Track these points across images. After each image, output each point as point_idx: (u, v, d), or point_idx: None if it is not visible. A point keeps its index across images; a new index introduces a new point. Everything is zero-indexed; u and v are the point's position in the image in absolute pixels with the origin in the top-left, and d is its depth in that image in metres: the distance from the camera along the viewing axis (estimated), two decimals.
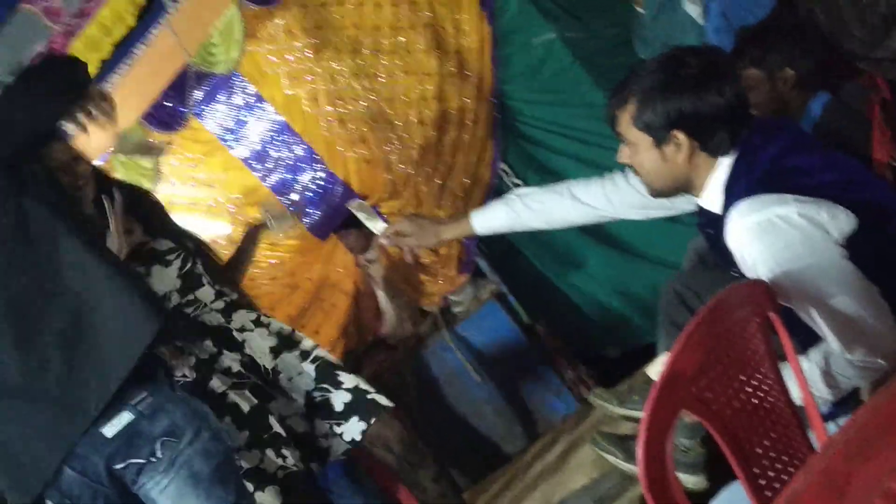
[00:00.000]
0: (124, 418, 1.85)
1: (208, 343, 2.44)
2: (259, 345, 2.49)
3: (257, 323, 2.52)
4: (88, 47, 3.52)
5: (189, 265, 2.50)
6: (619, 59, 3.31)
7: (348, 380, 2.50)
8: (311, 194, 3.86)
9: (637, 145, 1.82)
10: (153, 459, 1.85)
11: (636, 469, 2.33)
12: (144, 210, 2.53)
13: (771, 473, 1.51)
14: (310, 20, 3.42)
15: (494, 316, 3.69)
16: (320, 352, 2.54)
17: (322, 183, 3.77)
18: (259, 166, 3.88)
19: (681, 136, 1.75)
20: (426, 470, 2.49)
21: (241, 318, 2.51)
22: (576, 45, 3.38)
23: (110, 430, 1.85)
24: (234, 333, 2.49)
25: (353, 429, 2.44)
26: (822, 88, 2.48)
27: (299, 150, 3.77)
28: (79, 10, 3.32)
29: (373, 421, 2.45)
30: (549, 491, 2.77)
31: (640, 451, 1.34)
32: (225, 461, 1.94)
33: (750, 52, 2.41)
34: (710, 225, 1.82)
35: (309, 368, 2.48)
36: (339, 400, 2.46)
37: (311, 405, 2.46)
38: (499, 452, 3.68)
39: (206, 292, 2.50)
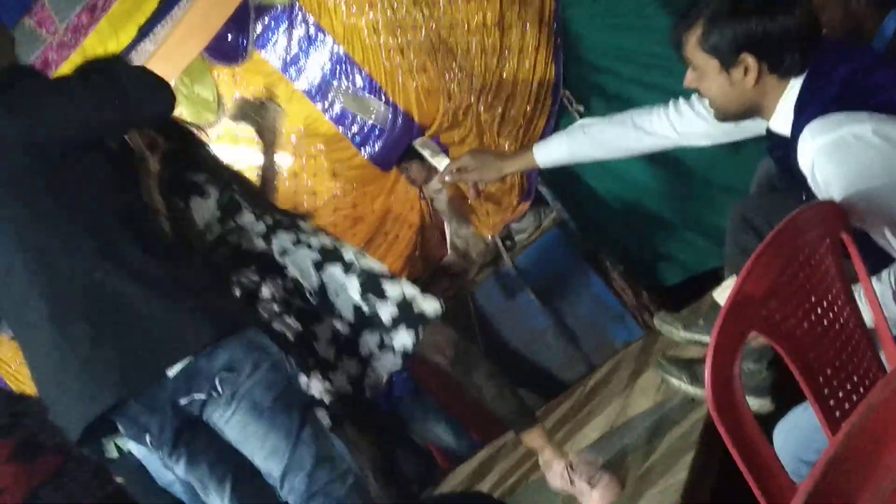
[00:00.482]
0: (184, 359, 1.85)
1: (251, 272, 2.45)
2: (302, 264, 2.47)
3: (297, 243, 2.49)
4: None
5: (227, 193, 2.50)
6: None
7: (393, 290, 2.46)
8: (371, 124, 3.87)
9: (704, 69, 1.78)
10: (214, 394, 1.86)
11: (701, 392, 2.35)
12: (176, 141, 2.51)
13: (840, 394, 1.49)
14: None
15: (556, 243, 3.70)
16: (363, 261, 2.50)
17: None
18: (320, 97, 3.90)
19: (749, 59, 1.71)
20: (479, 369, 2.49)
21: (282, 240, 2.49)
22: None
23: (170, 370, 1.85)
24: (277, 258, 2.47)
25: (403, 339, 2.43)
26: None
27: (360, 81, 3.78)
28: None
29: (421, 330, 2.42)
30: (613, 414, 2.80)
31: (708, 372, 1.33)
32: (287, 389, 1.94)
33: None
34: (781, 148, 1.78)
35: (353, 282, 2.45)
36: (387, 312, 2.44)
37: (360, 318, 2.45)
38: (561, 379, 3.72)
39: (247, 218, 2.50)
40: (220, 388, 1.86)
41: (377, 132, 3.88)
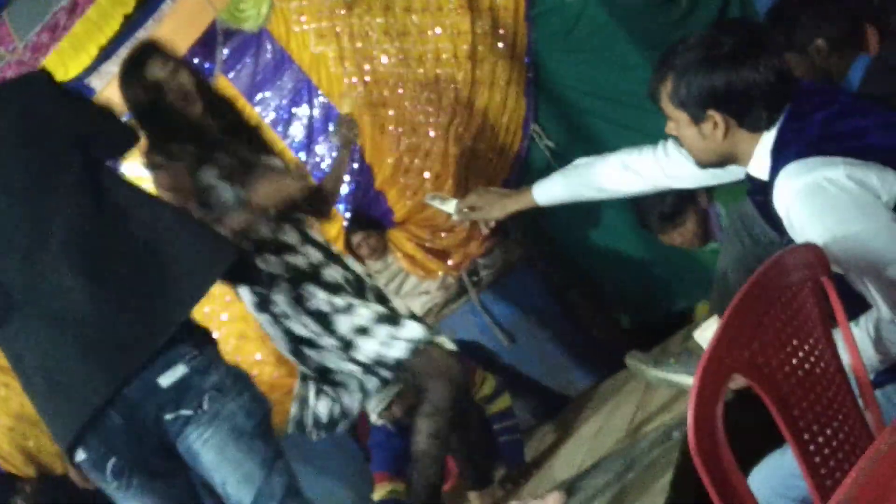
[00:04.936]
0: (179, 371, 1.89)
1: (314, 251, 2.55)
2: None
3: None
4: (113, 4, 3.49)
5: None
6: (655, 16, 3.25)
7: (398, 302, 2.66)
8: (332, 157, 3.81)
9: (677, 121, 1.80)
10: (200, 411, 1.90)
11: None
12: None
13: (821, 439, 1.48)
14: None
15: (524, 279, 3.67)
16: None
17: None
18: (282, 125, 3.85)
19: (716, 116, 1.73)
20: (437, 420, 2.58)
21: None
22: (611, 3, 3.31)
23: (165, 380, 1.89)
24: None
25: (412, 329, 2.51)
26: (859, 48, 2.41)
27: (323, 111, 3.74)
28: None
29: (429, 325, 2.59)
30: (581, 455, 2.76)
31: (691, 415, 1.31)
32: (264, 420, 1.99)
33: (775, 39, 2.35)
34: (759, 192, 1.79)
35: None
36: (401, 306, 2.61)
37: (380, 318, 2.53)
38: (525, 418, 3.67)
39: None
40: (206, 406, 1.91)
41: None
